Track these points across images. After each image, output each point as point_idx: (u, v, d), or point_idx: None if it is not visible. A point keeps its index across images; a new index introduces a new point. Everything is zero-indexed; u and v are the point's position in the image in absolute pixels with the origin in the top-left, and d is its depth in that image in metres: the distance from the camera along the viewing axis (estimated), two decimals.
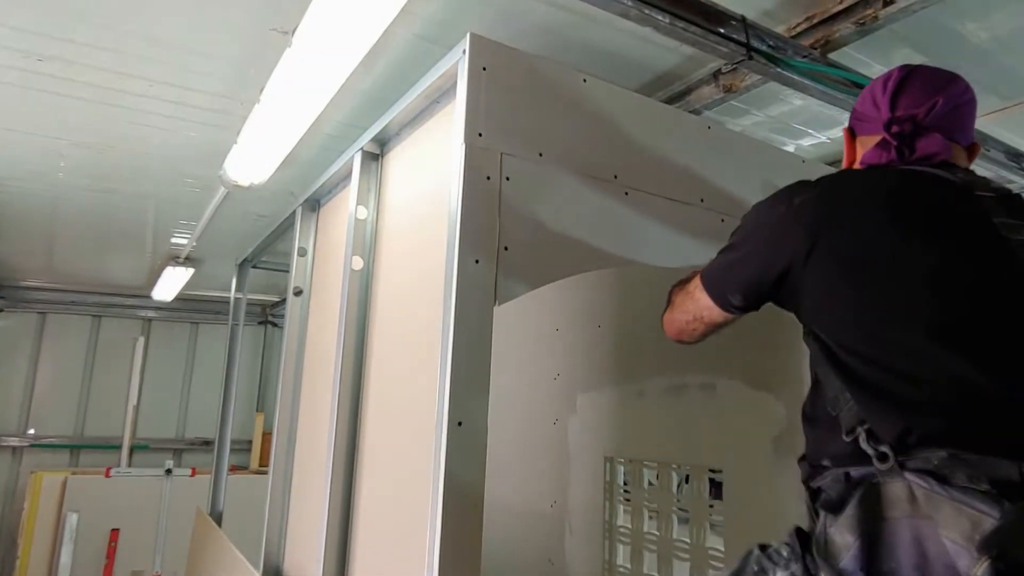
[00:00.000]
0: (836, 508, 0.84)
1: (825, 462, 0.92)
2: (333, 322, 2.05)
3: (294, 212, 2.49)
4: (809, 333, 1.01)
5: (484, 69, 1.31)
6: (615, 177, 1.46)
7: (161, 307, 6.31)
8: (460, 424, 1.17)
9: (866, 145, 1.13)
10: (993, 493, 0.74)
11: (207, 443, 6.47)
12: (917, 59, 1.84)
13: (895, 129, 1.06)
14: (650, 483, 2.43)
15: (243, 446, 6.32)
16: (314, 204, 2.45)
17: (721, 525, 2.13)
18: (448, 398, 1.16)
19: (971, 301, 0.89)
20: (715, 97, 1.76)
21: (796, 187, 1.07)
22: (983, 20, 1.58)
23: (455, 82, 1.42)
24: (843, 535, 0.81)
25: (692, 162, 1.61)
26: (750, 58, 1.37)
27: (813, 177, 1.93)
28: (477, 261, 1.24)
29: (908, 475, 0.81)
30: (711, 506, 2.18)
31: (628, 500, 2.50)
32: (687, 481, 2.30)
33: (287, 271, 2.47)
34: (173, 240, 4.17)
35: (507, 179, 1.30)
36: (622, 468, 2.55)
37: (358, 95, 2.03)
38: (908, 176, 1.02)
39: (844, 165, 1.21)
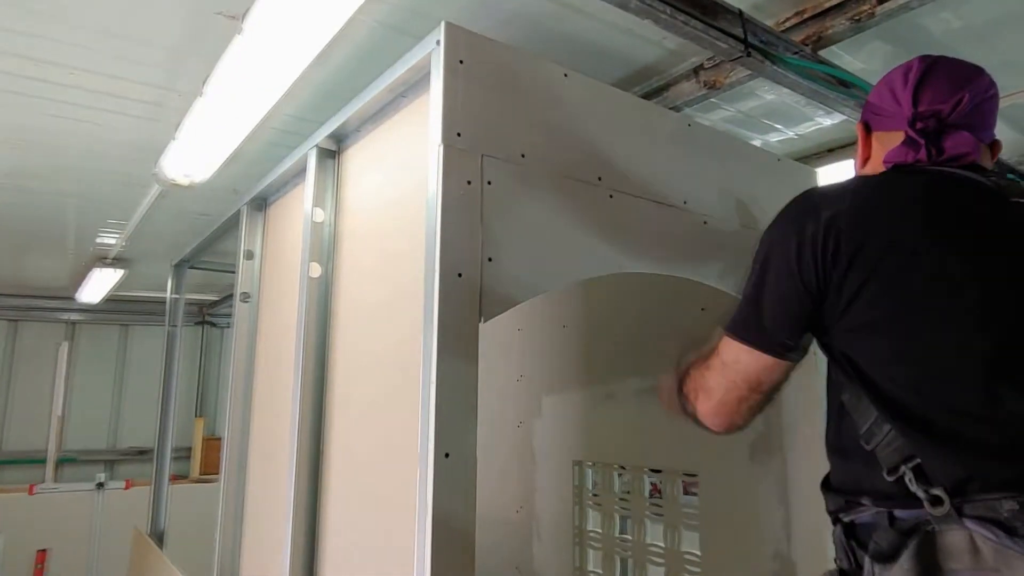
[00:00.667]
0: (887, 558, 0.78)
1: (864, 500, 0.86)
2: (287, 330, 1.90)
3: (238, 211, 2.31)
4: (839, 356, 0.94)
5: (461, 62, 1.20)
6: (599, 179, 1.37)
7: (87, 309, 5.90)
8: (447, 456, 1.06)
9: (884, 141, 1.05)
10: None
11: (142, 452, 6.12)
12: (887, 50, 1.82)
13: (920, 126, 0.98)
14: (622, 487, 2.38)
15: (182, 454, 5.99)
16: (260, 203, 2.27)
17: (696, 529, 2.10)
18: (433, 428, 1.05)
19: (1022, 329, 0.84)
20: (697, 94, 1.69)
21: (816, 200, 0.97)
22: (956, 9, 1.55)
23: (425, 75, 1.30)
24: None
25: (674, 162, 1.54)
26: (748, 55, 1.30)
27: (789, 176, 1.89)
28: (460, 275, 1.13)
29: (969, 523, 0.75)
30: (686, 510, 2.13)
31: (598, 504, 2.44)
32: (660, 485, 2.26)
33: (227, 271, 2.30)
34: (100, 240, 3.86)
35: (488, 183, 1.19)
36: (591, 472, 2.49)
37: (311, 87, 1.87)
38: (941, 182, 0.95)
39: (859, 162, 1.13)
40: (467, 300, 1.13)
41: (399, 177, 1.41)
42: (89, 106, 2.08)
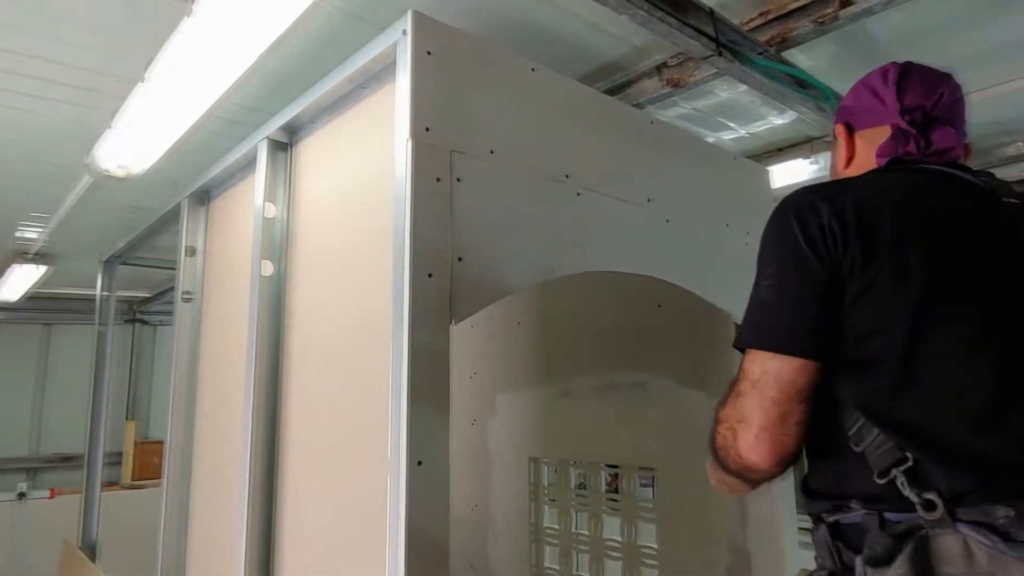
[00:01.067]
0: (881, 562, 0.78)
1: (852, 502, 0.86)
2: (235, 331, 1.82)
3: (179, 205, 2.19)
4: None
5: (429, 53, 1.15)
6: (567, 176, 1.36)
7: (6, 308, 5.52)
8: (420, 464, 1.02)
9: (869, 139, 1.06)
10: None
11: (67, 459, 5.78)
12: (833, 51, 1.86)
13: (908, 119, 1.00)
14: (579, 483, 2.38)
15: (113, 459, 5.70)
16: (203, 197, 2.16)
17: (654, 522, 2.12)
18: (406, 436, 1.01)
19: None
20: (660, 91, 1.69)
21: (812, 198, 0.95)
22: (906, 10, 1.59)
23: (389, 66, 1.25)
24: None
25: (638, 159, 1.54)
26: (719, 54, 1.30)
27: (744, 174, 1.92)
28: (430, 275, 1.09)
29: (963, 528, 0.76)
30: (643, 504, 2.16)
31: (555, 501, 2.43)
32: (617, 480, 2.27)
33: (162, 267, 2.18)
34: (20, 234, 3.61)
35: (458, 180, 1.16)
36: (548, 469, 2.49)
37: (264, 75, 1.78)
38: (937, 181, 0.96)
39: (842, 162, 1.12)
40: (438, 302, 1.09)
41: (359, 172, 1.36)
42: (12, 90, 1.93)
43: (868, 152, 1.07)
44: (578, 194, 1.37)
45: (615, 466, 2.27)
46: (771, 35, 1.42)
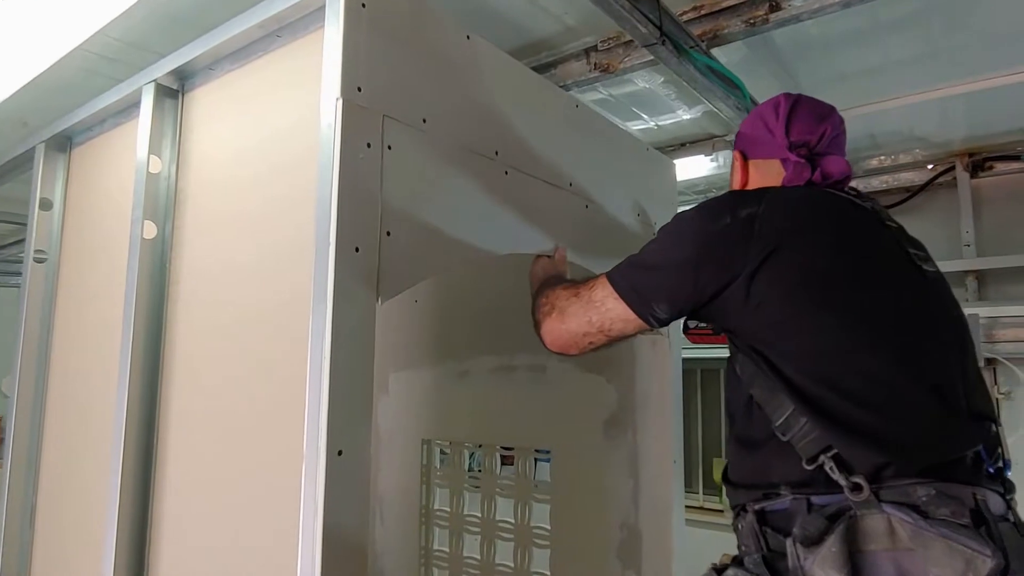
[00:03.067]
0: (813, 542, 0.82)
1: (783, 490, 0.90)
2: (102, 300, 1.61)
3: (32, 151, 1.89)
4: (747, 351, 0.97)
5: (363, 6, 1.05)
6: (496, 154, 1.30)
7: None
8: (340, 454, 0.94)
9: (762, 168, 1.16)
10: (972, 527, 0.76)
11: None
12: (743, 52, 1.93)
13: (796, 153, 1.10)
14: (471, 466, 2.36)
15: None
16: (64, 143, 1.88)
17: (547, 503, 2.14)
18: (325, 422, 0.93)
19: (923, 334, 0.92)
20: (587, 75, 1.67)
21: (734, 199, 1.03)
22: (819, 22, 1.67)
23: (312, 15, 1.14)
24: (826, 571, 0.79)
25: (563, 143, 1.51)
26: (663, 43, 1.29)
27: (655, 165, 1.95)
28: (357, 249, 1.00)
29: (887, 508, 0.81)
30: (537, 485, 2.17)
31: (447, 483, 2.40)
32: (511, 463, 2.27)
33: (5, 221, 1.88)
34: None
35: (389, 148, 1.07)
36: (439, 451, 2.44)
37: (151, 7, 1.55)
38: (842, 200, 1.04)
39: (737, 185, 1.22)
40: (365, 278, 1.01)
41: (269, 130, 1.22)
42: None
43: (761, 180, 1.17)
44: (506, 173, 1.32)
45: (510, 448, 2.27)
46: (703, 30, 1.45)
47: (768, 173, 1.17)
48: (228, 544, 1.14)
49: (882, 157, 2.80)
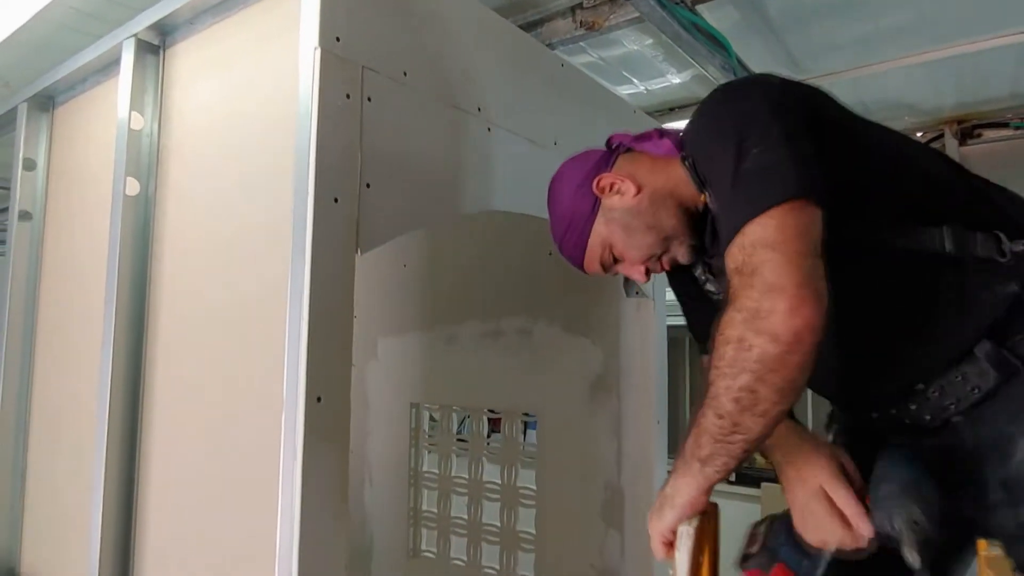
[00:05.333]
0: None
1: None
2: (86, 257, 1.61)
3: (14, 110, 1.88)
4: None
5: None
6: (479, 110, 1.30)
7: None
8: (319, 400, 0.96)
9: (626, 164, 1.10)
10: None
11: None
12: (735, 17, 1.91)
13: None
14: (460, 428, 2.39)
15: None
16: (46, 102, 1.86)
17: (532, 465, 2.18)
18: (305, 368, 0.94)
19: None
20: (572, 33, 1.66)
21: (743, 79, 1.03)
22: None
23: None
24: None
25: (547, 102, 1.51)
26: None
27: (641, 129, 1.95)
28: (336, 200, 1.00)
29: None
30: (523, 448, 2.20)
31: (435, 446, 2.43)
32: (498, 426, 2.30)
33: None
34: None
35: (369, 99, 1.07)
36: (429, 414, 2.47)
37: None
38: None
39: (633, 197, 1.06)
40: (344, 228, 1.01)
41: (251, 84, 1.22)
42: None
43: (639, 164, 1.10)
44: (489, 129, 1.32)
45: (497, 412, 2.30)
46: None
47: (638, 159, 1.10)
48: (212, 487, 1.16)
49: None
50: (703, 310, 1.14)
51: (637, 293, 1.94)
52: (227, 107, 1.27)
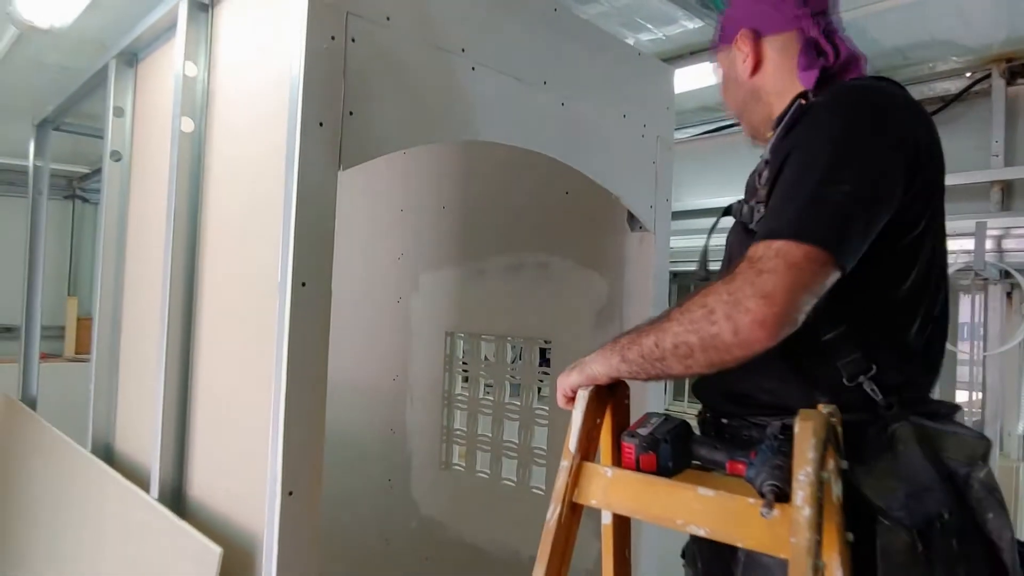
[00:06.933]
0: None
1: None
2: (159, 191, 1.92)
3: (106, 66, 2.22)
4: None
5: None
6: (463, 51, 1.48)
7: None
8: (304, 285, 1.20)
9: (778, 47, 1.11)
10: None
11: (8, 330, 5.82)
12: None
13: (816, 24, 1.07)
14: (486, 358, 2.62)
15: (54, 332, 5.77)
16: (131, 58, 2.19)
17: (547, 393, 2.38)
18: (292, 258, 1.18)
19: None
20: None
21: (883, 104, 0.96)
22: None
23: None
24: None
25: (536, 43, 1.66)
26: None
27: (648, 71, 2.03)
28: (321, 124, 1.22)
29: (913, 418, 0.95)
30: (544, 373, 2.41)
31: (466, 371, 2.68)
32: (520, 356, 2.51)
33: (97, 136, 2.21)
34: None
35: (353, 40, 1.27)
36: (461, 342, 2.71)
37: None
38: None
39: (748, 71, 1.16)
40: (327, 148, 1.23)
41: (273, 35, 1.44)
42: None
43: (779, 60, 1.12)
44: (473, 68, 1.50)
45: (519, 339, 2.50)
46: None
47: (787, 52, 1.09)
48: (238, 387, 1.44)
49: (919, 65, 2.73)
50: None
51: (640, 228, 2.07)
52: (255, 53, 1.51)
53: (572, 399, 1.09)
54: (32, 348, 3.16)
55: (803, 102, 1.06)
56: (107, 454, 2.06)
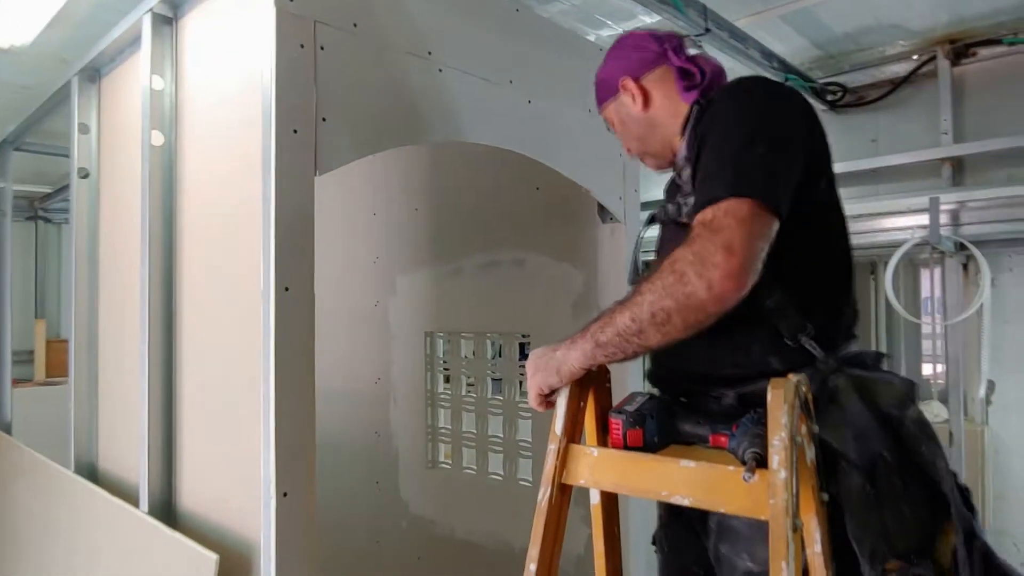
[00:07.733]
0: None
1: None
2: (131, 206, 1.91)
3: (69, 83, 2.20)
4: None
5: None
6: (429, 54, 1.51)
7: None
8: (287, 289, 1.22)
9: (657, 83, 1.23)
10: None
11: None
12: None
13: (680, 56, 1.21)
14: (466, 356, 2.65)
15: (23, 357, 5.64)
16: (93, 74, 2.18)
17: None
18: (274, 264, 1.20)
19: None
20: None
21: (774, 85, 1.11)
22: None
23: None
24: None
25: (501, 43, 1.70)
26: None
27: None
28: (295, 131, 1.25)
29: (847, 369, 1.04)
30: (524, 368, 2.45)
31: (447, 369, 2.71)
32: (500, 352, 2.55)
33: (59, 155, 2.20)
34: None
35: (322, 48, 1.30)
36: (441, 341, 2.74)
37: None
38: None
39: (640, 107, 1.25)
40: (303, 154, 1.26)
41: (241, 46, 1.46)
42: None
43: (663, 89, 1.23)
44: (440, 70, 1.53)
45: (498, 335, 2.54)
46: None
47: (666, 82, 1.22)
48: (224, 394, 1.45)
49: (870, 50, 2.83)
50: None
51: (611, 219, 2.13)
52: (223, 64, 1.52)
53: (547, 397, 1.13)
54: (4, 372, 3.11)
55: (701, 103, 1.18)
56: (91, 473, 2.05)
